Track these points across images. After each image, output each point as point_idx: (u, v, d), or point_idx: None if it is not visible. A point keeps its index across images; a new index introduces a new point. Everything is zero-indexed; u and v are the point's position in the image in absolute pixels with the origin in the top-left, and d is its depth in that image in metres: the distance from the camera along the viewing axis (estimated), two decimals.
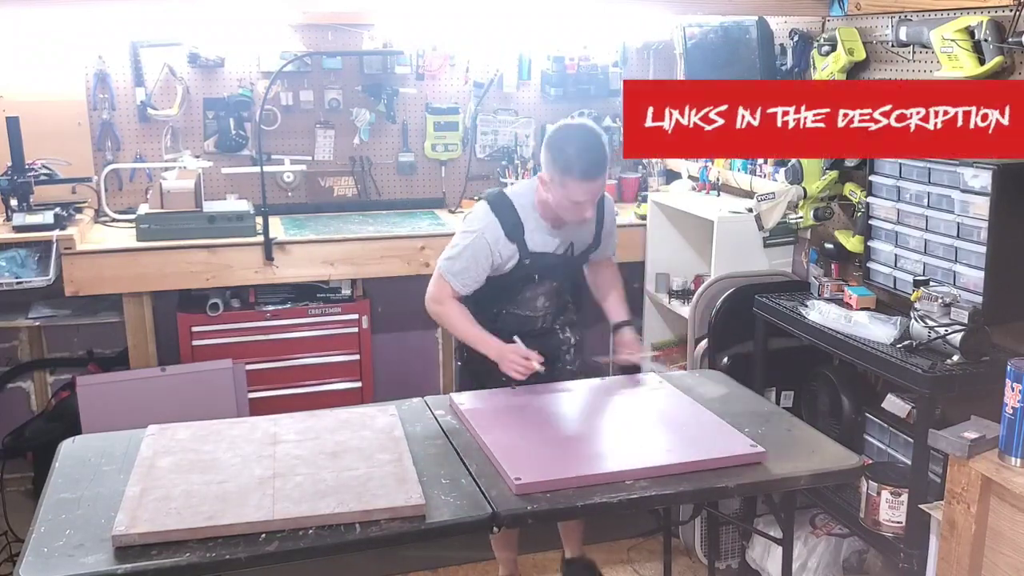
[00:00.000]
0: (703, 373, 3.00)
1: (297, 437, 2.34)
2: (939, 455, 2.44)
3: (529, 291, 2.82)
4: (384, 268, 3.81)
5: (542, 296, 2.85)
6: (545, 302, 2.86)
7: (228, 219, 3.68)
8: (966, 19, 2.60)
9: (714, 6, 3.34)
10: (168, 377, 3.60)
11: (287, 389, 3.85)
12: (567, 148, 2.56)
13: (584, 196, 2.57)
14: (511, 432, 2.43)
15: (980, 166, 2.49)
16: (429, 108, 4.30)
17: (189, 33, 3.98)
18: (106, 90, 3.95)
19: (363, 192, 4.31)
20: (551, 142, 2.60)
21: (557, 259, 2.79)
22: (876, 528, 2.66)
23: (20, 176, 3.55)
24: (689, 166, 4.17)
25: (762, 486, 2.33)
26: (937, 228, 2.69)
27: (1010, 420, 2.17)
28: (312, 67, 4.11)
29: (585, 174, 2.54)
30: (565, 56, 4.35)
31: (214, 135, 4.09)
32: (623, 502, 2.10)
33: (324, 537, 1.92)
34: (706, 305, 3.38)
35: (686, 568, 3.46)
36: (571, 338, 2.97)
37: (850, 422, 2.93)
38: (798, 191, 3.22)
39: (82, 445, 2.37)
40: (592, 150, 2.56)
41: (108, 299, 3.71)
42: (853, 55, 3.09)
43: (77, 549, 1.86)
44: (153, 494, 2.02)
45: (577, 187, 2.55)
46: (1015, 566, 2.17)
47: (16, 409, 4.04)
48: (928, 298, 2.57)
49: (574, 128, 2.65)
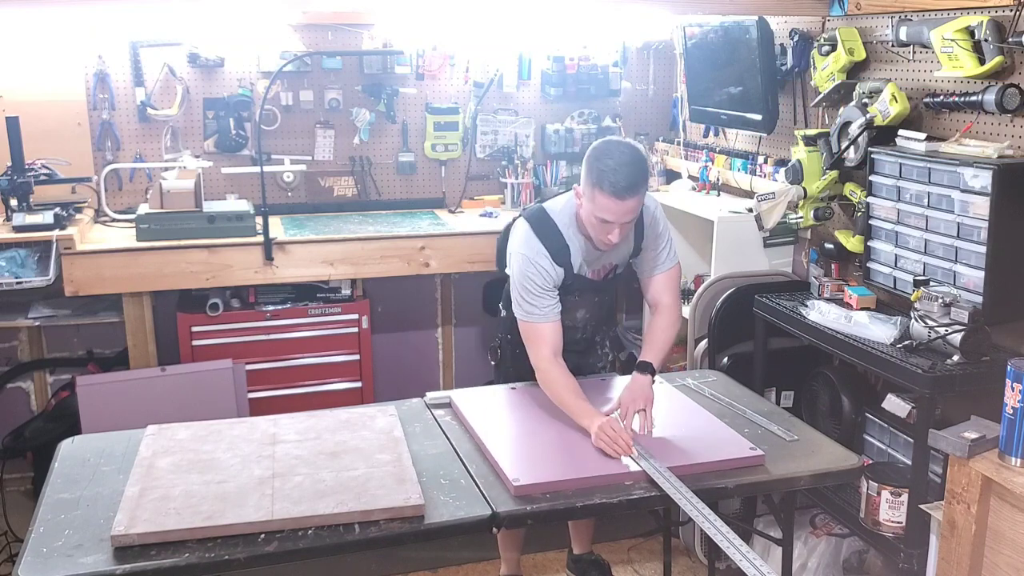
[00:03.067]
0: (703, 373, 3.00)
1: (297, 437, 2.34)
2: (939, 455, 2.44)
3: (569, 306, 2.69)
4: (384, 268, 3.81)
5: (583, 309, 2.78)
6: (586, 314, 2.80)
7: (228, 219, 3.67)
8: (966, 19, 2.60)
9: (714, 6, 3.34)
10: (168, 377, 3.60)
11: (287, 389, 3.85)
12: (604, 160, 2.41)
13: (611, 214, 2.42)
14: (511, 432, 2.43)
15: (980, 166, 2.48)
16: (429, 108, 4.29)
17: (189, 33, 3.97)
18: (106, 90, 3.95)
19: (363, 192, 4.31)
20: (591, 153, 2.48)
21: (600, 283, 2.73)
22: (876, 528, 2.65)
23: (20, 176, 3.55)
24: (689, 166, 4.17)
25: (762, 486, 2.33)
26: (937, 228, 2.68)
27: (1010, 420, 2.17)
28: (312, 67, 4.11)
29: (615, 190, 2.39)
30: (565, 56, 4.35)
31: (214, 135, 4.08)
32: (623, 502, 2.11)
33: (324, 537, 1.92)
34: (706, 305, 3.38)
35: (686, 568, 3.46)
36: (609, 353, 2.95)
37: (850, 422, 2.93)
38: (798, 191, 3.22)
39: (81, 445, 2.37)
40: (628, 166, 2.41)
41: (108, 299, 3.71)
42: (853, 55, 3.08)
43: (76, 549, 1.86)
44: (152, 494, 2.02)
45: (605, 202, 2.41)
46: (1015, 566, 2.17)
47: (16, 409, 4.04)
48: (928, 298, 2.57)
49: (615, 144, 2.50)
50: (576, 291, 2.68)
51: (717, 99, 3.85)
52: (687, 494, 2.07)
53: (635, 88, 4.55)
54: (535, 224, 2.59)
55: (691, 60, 4.04)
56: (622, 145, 2.49)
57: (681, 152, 4.29)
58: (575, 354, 2.79)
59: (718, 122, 3.97)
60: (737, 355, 3.24)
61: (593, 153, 2.47)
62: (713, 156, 3.99)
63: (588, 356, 2.91)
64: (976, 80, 2.64)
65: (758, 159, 3.70)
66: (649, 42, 4.47)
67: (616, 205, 2.41)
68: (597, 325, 2.88)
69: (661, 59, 4.52)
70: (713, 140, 4.15)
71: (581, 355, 2.85)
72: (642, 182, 2.45)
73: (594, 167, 2.43)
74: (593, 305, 2.80)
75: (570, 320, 2.72)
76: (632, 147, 2.49)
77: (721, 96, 3.80)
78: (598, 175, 2.41)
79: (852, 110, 3.01)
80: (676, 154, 4.34)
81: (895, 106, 2.85)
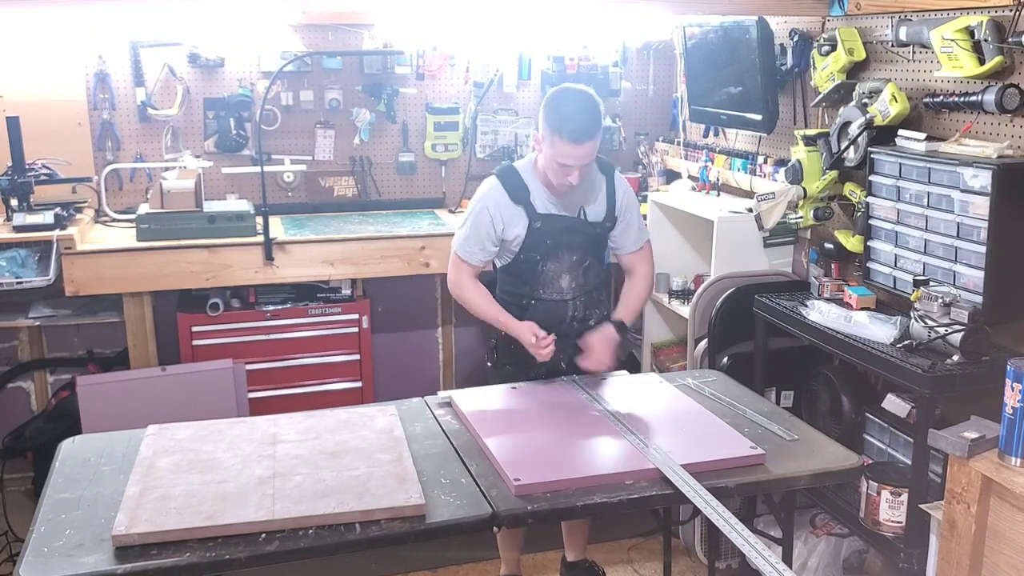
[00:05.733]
0: (703, 373, 3.00)
1: (297, 437, 2.34)
2: (939, 455, 2.44)
3: (550, 266, 2.77)
4: (384, 268, 3.81)
5: (565, 274, 2.79)
6: (570, 281, 2.80)
7: (228, 219, 3.68)
8: (966, 19, 2.60)
9: (714, 6, 3.34)
10: (168, 377, 3.60)
11: (287, 389, 3.86)
12: (561, 108, 2.59)
13: (570, 159, 2.59)
14: (511, 432, 2.43)
15: (980, 166, 2.49)
16: (429, 108, 4.30)
17: (189, 33, 3.98)
18: (106, 90, 3.95)
19: (363, 192, 4.31)
20: (548, 100, 2.64)
21: (569, 222, 2.76)
22: (876, 528, 2.66)
23: (20, 176, 3.56)
24: (689, 166, 4.17)
25: (762, 486, 2.33)
26: (937, 228, 2.69)
27: (1010, 420, 2.17)
28: (312, 67, 4.11)
29: (573, 136, 2.55)
30: (565, 56, 4.35)
31: (214, 135, 4.09)
32: (623, 502, 2.10)
33: (324, 537, 1.92)
34: (706, 305, 3.38)
35: (686, 568, 3.46)
36: None
37: (850, 422, 2.93)
38: (798, 191, 3.22)
39: (82, 445, 2.37)
40: (584, 113, 2.58)
41: (108, 299, 3.71)
42: (853, 55, 3.09)
43: (77, 549, 1.86)
44: (153, 494, 2.02)
45: (564, 148, 2.57)
46: (1015, 566, 2.17)
47: (16, 409, 4.04)
48: (928, 298, 2.57)
49: (572, 91, 2.67)
50: (548, 238, 2.74)
51: (717, 99, 3.85)
52: (700, 490, 2.07)
53: (635, 88, 4.56)
54: (499, 172, 2.80)
55: (691, 60, 4.04)
56: (577, 92, 2.65)
57: (681, 152, 4.29)
58: (570, 348, 2.79)
59: (718, 122, 3.98)
60: (737, 355, 3.24)
61: (550, 102, 2.63)
62: (713, 156, 3.99)
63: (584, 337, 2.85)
64: (976, 80, 2.64)
65: (758, 159, 3.70)
66: (649, 42, 4.47)
67: (574, 149, 2.57)
68: (588, 302, 2.84)
69: (661, 59, 4.53)
70: (713, 140, 4.15)
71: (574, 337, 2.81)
72: (596, 127, 2.61)
73: (551, 115, 2.60)
74: (575, 268, 2.80)
75: (556, 292, 2.79)
76: (586, 94, 2.64)
77: (721, 96, 3.81)
78: (556, 122, 2.58)
79: (852, 110, 3.01)
80: (676, 154, 4.34)
81: (895, 106, 2.85)
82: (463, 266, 2.81)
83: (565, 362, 2.81)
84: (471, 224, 2.76)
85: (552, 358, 2.73)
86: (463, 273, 2.81)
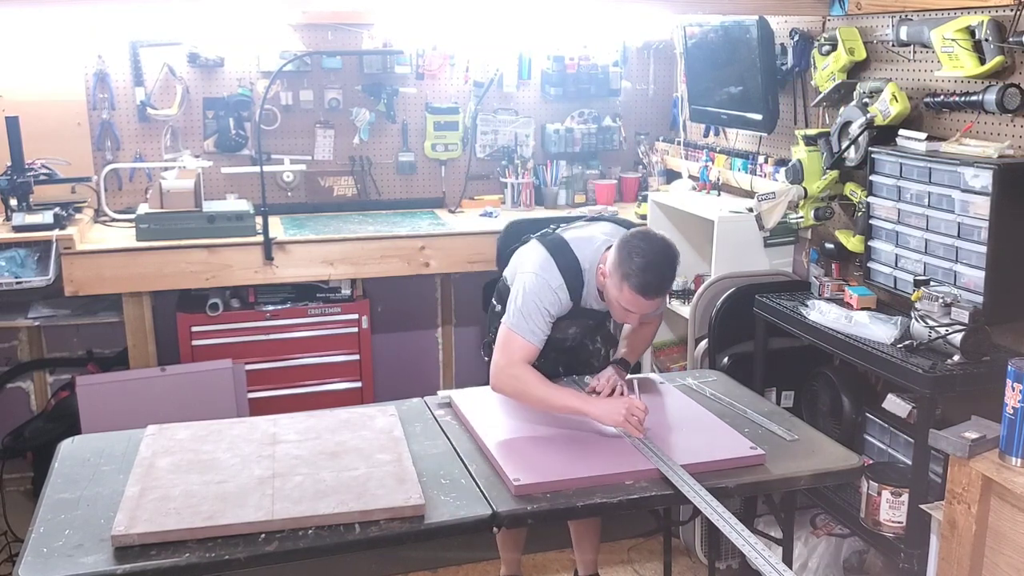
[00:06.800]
0: (703, 373, 3.00)
1: (297, 437, 2.34)
2: (940, 455, 2.43)
3: (564, 323, 2.68)
4: (384, 268, 3.81)
5: (575, 327, 2.76)
6: (577, 331, 2.78)
7: (228, 219, 3.67)
8: (966, 19, 2.59)
9: (714, 6, 3.34)
10: (168, 377, 3.60)
11: (287, 389, 3.85)
12: (636, 258, 2.40)
13: (635, 308, 2.46)
14: (511, 432, 2.43)
15: (980, 166, 2.48)
16: (429, 108, 4.29)
17: (189, 33, 3.97)
18: (106, 90, 3.95)
19: (363, 192, 4.31)
20: (625, 242, 2.46)
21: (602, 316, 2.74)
22: (876, 528, 2.65)
23: (20, 176, 3.55)
24: (689, 166, 4.17)
25: (762, 486, 2.33)
26: (937, 228, 2.68)
27: (1010, 420, 2.17)
28: (312, 67, 4.11)
29: (643, 290, 2.40)
30: (565, 56, 4.35)
31: (214, 135, 4.08)
32: (623, 502, 2.10)
33: (324, 537, 1.92)
34: (706, 305, 3.38)
35: (686, 568, 3.46)
36: (602, 348, 2.94)
37: (850, 422, 2.93)
38: (798, 191, 3.22)
39: (81, 445, 2.37)
40: (658, 269, 2.41)
41: (108, 299, 3.71)
42: (853, 55, 3.08)
43: (76, 549, 1.86)
44: (152, 494, 2.02)
45: (631, 297, 2.43)
46: (1016, 566, 2.16)
47: (16, 409, 4.04)
48: (928, 298, 2.57)
49: (653, 242, 2.46)
50: (575, 317, 2.68)
51: (717, 99, 3.84)
52: (700, 490, 2.07)
53: (635, 88, 4.56)
54: (555, 253, 2.57)
55: (691, 60, 4.03)
56: (655, 243, 2.45)
57: (681, 152, 4.29)
58: (564, 352, 2.79)
59: (718, 122, 3.97)
60: (737, 355, 3.23)
61: (626, 245, 2.44)
62: (713, 156, 3.99)
63: (579, 353, 2.88)
64: (976, 80, 2.64)
65: (758, 159, 3.70)
66: (649, 42, 4.47)
67: (642, 302, 2.43)
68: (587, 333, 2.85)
69: (661, 59, 4.52)
70: (713, 140, 4.15)
71: (571, 352, 2.83)
72: (669, 282, 2.48)
73: (625, 261, 2.42)
74: (586, 325, 2.80)
75: (560, 333, 2.71)
76: (665, 245, 2.46)
77: (721, 96, 3.80)
78: (627, 271, 2.41)
79: (852, 110, 3.01)
80: (676, 154, 4.34)
81: (895, 106, 2.85)
82: (524, 347, 2.47)
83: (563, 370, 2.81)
84: (542, 312, 2.50)
85: (550, 368, 2.68)
86: (517, 355, 2.47)
